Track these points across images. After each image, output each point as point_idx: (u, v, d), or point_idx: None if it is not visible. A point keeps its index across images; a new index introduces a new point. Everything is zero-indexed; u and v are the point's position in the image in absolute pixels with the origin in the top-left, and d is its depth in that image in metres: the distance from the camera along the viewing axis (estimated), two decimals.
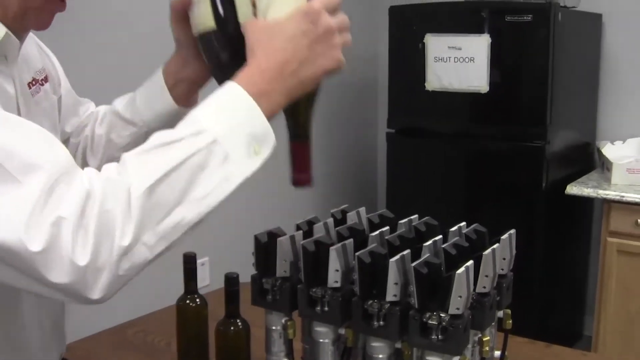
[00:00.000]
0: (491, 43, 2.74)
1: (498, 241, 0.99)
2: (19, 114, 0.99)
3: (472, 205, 3.01)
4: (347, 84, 3.48)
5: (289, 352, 1.04)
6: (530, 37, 2.69)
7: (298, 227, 1.06)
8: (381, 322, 0.92)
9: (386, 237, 0.99)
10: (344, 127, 3.59)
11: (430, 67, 2.90)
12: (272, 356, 1.05)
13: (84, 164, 1.21)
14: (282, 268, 0.99)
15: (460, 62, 2.82)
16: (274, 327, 1.03)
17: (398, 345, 0.93)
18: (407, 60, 3.00)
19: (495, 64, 2.76)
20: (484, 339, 0.96)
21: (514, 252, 1.03)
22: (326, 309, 0.96)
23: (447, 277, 0.86)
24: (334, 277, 0.94)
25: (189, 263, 1.33)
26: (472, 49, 2.78)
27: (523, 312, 1.51)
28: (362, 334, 0.95)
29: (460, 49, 2.81)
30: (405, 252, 0.93)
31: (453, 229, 1.07)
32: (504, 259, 1.01)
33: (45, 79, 1.13)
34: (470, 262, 0.89)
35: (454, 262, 0.91)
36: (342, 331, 0.97)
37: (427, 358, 0.90)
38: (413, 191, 3.09)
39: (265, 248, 1.01)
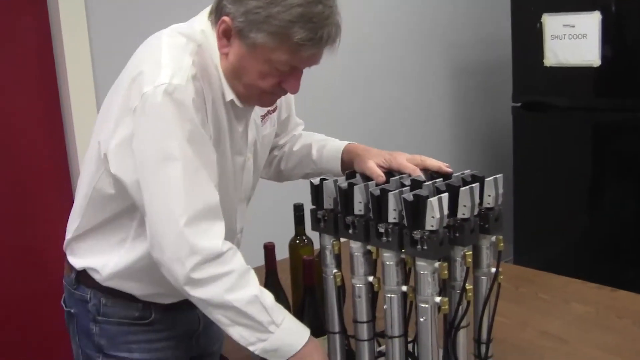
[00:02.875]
0: (602, 19, 2.95)
1: (482, 182, 1.34)
2: (245, 140, 1.50)
3: (595, 173, 3.22)
4: (477, 62, 3.80)
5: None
6: (638, 12, 2.87)
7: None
8: (389, 238, 1.31)
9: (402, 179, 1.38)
10: (475, 103, 3.91)
11: (547, 45, 3.14)
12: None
13: (276, 168, 1.77)
14: (328, 202, 1.41)
15: (574, 39, 3.04)
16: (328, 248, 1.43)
17: (402, 255, 1.32)
18: (527, 39, 3.26)
19: (606, 39, 2.96)
20: (467, 253, 1.31)
21: (501, 191, 1.37)
22: (357, 231, 1.36)
23: (423, 202, 1.23)
24: (358, 207, 1.34)
25: (298, 211, 1.77)
26: (584, 26, 3.00)
27: None
28: (379, 247, 1.35)
29: (573, 26, 3.03)
30: (404, 189, 1.31)
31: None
32: (490, 195, 1.35)
33: (275, 109, 1.65)
34: (445, 194, 1.25)
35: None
36: (368, 247, 1.37)
37: (417, 263, 1.28)
38: (539, 159, 3.35)
39: (316, 189, 1.42)
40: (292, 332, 1.37)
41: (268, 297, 1.36)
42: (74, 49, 2.61)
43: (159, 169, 1.30)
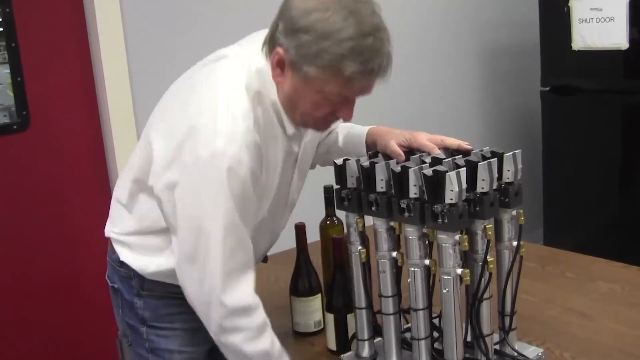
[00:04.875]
0: (629, 2, 2.95)
1: (501, 157, 1.38)
2: (295, 159, 1.56)
3: (625, 155, 3.23)
4: (506, 47, 3.82)
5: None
6: None
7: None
8: (411, 213, 1.35)
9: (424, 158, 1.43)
10: (504, 87, 3.93)
11: (575, 28, 3.15)
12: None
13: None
14: (351, 182, 1.46)
15: (601, 22, 3.05)
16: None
17: (424, 230, 1.36)
18: (555, 23, 3.27)
19: (634, 22, 2.96)
20: (487, 226, 1.35)
21: (520, 166, 1.40)
22: (379, 208, 1.41)
23: (442, 177, 1.27)
24: (380, 185, 1.39)
25: (328, 193, 1.82)
26: (612, 9, 3.00)
27: None
28: (401, 222, 1.39)
29: (601, 9, 3.04)
30: (424, 165, 1.35)
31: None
32: (509, 170, 1.39)
33: None
34: (463, 168, 1.29)
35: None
36: (391, 223, 1.42)
37: (439, 236, 1.32)
38: (568, 143, 3.37)
39: (339, 169, 1.47)
40: None
41: (278, 353, 1.46)
42: (108, 39, 2.70)
43: (201, 232, 1.36)
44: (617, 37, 3.01)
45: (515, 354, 1.48)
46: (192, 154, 1.34)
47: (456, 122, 3.82)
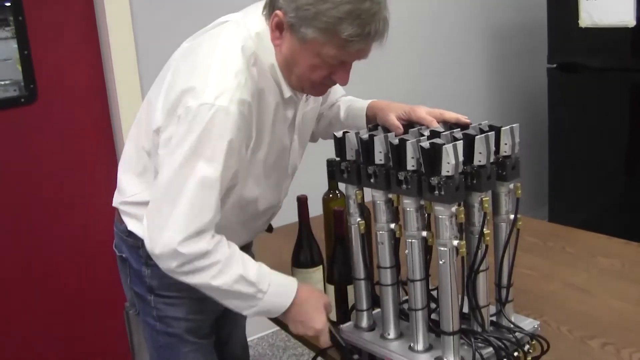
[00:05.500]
0: None
1: (498, 131, 1.39)
2: (293, 125, 1.59)
3: (631, 133, 3.22)
4: (513, 23, 3.81)
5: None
6: None
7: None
8: (408, 186, 1.37)
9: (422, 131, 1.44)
10: (511, 64, 3.93)
11: (582, 5, 3.14)
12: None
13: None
14: (350, 154, 1.47)
15: (608, 0, 3.03)
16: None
17: (421, 202, 1.38)
18: (562, 1, 3.26)
19: None
20: (484, 199, 1.37)
21: (517, 140, 1.42)
22: (378, 180, 1.43)
23: (439, 149, 1.29)
24: (378, 157, 1.41)
25: (331, 166, 1.83)
26: None
27: None
28: (399, 194, 1.41)
29: None
30: (422, 137, 1.37)
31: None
32: (506, 144, 1.40)
33: None
34: (459, 141, 1.31)
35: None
36: (390, 195, 1.44)
37: (436, 208, 1.34)
38: (574, 120, 3.37)
39: (339, 142, 1.49)
40: (279, 293, 1.51)
41: (252, 269, 1.48)
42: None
43: (177, 179, 1.39)
44: (624, 15, 2.99)
45: (511, 325, 1.49)
46: (183, 107, 1.38)
47: (463, 99, 3.82)
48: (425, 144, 1.31)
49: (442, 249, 1.36)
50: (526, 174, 4.01)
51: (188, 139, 1.37)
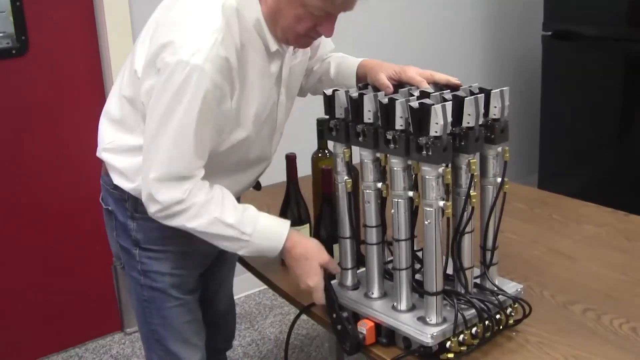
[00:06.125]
0: None
1: (488, 94, 1.39)
2: (279, 78, 1.58)
3: (624, 104, 3.22)
4: None
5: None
6: None
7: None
8: (396, 145, 1.37)
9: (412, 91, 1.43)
10: (506, 30, 3.91)
11: None
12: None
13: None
14: (339, 112, 1.47)
15: None
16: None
17: (409, 162, 1.38)
18: None
19: None
20: (471, 161, 1.37)
21: (507, 103, 1.41)
22: (366, 139, 1.42)
23: (427, 110, 1.28)
24: (367, 116, 1.40)
25: (321, 125, 1.83)
26: None
27: None
28: (387, 154, 1.41)
29: None
30: (411, 97, 1.36)
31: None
32: (496, 107, 1.40)
33: None
34: (448, 102, 1.30)
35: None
36: (377, 154, 1.44)
37: (423, 168, 1.34)
38: (568, 89, 3.36)
39: (328, 99, 1.48)
40: (267, 237, 1.53)
41: (230, 212, 1.50)
42: None
43: (158, 129, 1.43)
44: None
45: (495, 288, 1.51)
46: (162, 62, 1.40)
47: (457, 63, 3.80)
48: (414, 104, 1.30)
49: (428, 209, 1.36)
50: (517, 140, 4.03)
51: (166, 95, 1.40)
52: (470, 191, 1.40)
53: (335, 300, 1.52)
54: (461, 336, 1.40)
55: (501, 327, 1.46)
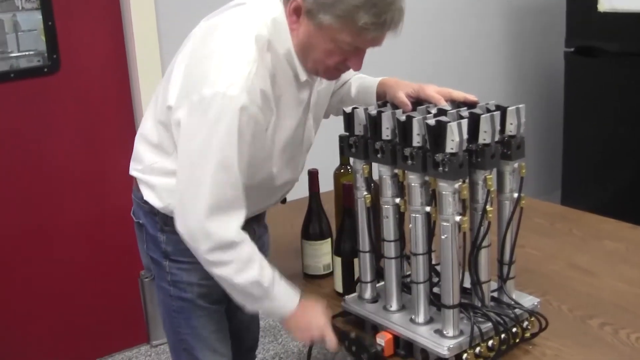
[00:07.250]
0: None
1: (504, 111, 1.42)
2: (307, 105, 1.62)
3: None
4: (532, 6, 3.82)
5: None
6: None
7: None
8: (414, 161, 1.40)
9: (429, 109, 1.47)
10: (528, 46, 3.93)
11: None
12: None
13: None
14: (358, 129, 1.51)
15: None
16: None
17: (426, 178, 1.42)
18: None
19: None
20: (488, 177, 1.40)
21: (523, 120, 1.44)
22: (384, 155, 1.46)
23: (444, 127, 1.32)
24: (386, 133, 1.44)
25: (342, 141, 1.86)
26: None
27: None
28: (404, 170, 1.44)
29: None
30: (428, 115, 1.40)
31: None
32: (512, 123, 1.43)
33: None
34: (464, 120, 1.34)
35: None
36: (395, 171, 1.47)
37: (439, 184, 1.38)
38: (590, 104, 3.37)
39: (348, 117, 1.53)
40: (283, 301, 1.57)
41: (267, 275, 1.53)
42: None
43: (196, 165, 1.45)
44: None
45: (512, 302, 1.53)
46: (198, 94, 1.43)
47: (479, 80, 3.83)
48: (431, 121, 1.34)
49: (445, 224, 1.39)
50: (540, 157, 4.04)
51: (203, 129, 1.43)
52: (487, 206, 1.43)
53: (341, 331, 1.56)
54: (477, 349, 1.43)
55: (517, 340, 1.49)
